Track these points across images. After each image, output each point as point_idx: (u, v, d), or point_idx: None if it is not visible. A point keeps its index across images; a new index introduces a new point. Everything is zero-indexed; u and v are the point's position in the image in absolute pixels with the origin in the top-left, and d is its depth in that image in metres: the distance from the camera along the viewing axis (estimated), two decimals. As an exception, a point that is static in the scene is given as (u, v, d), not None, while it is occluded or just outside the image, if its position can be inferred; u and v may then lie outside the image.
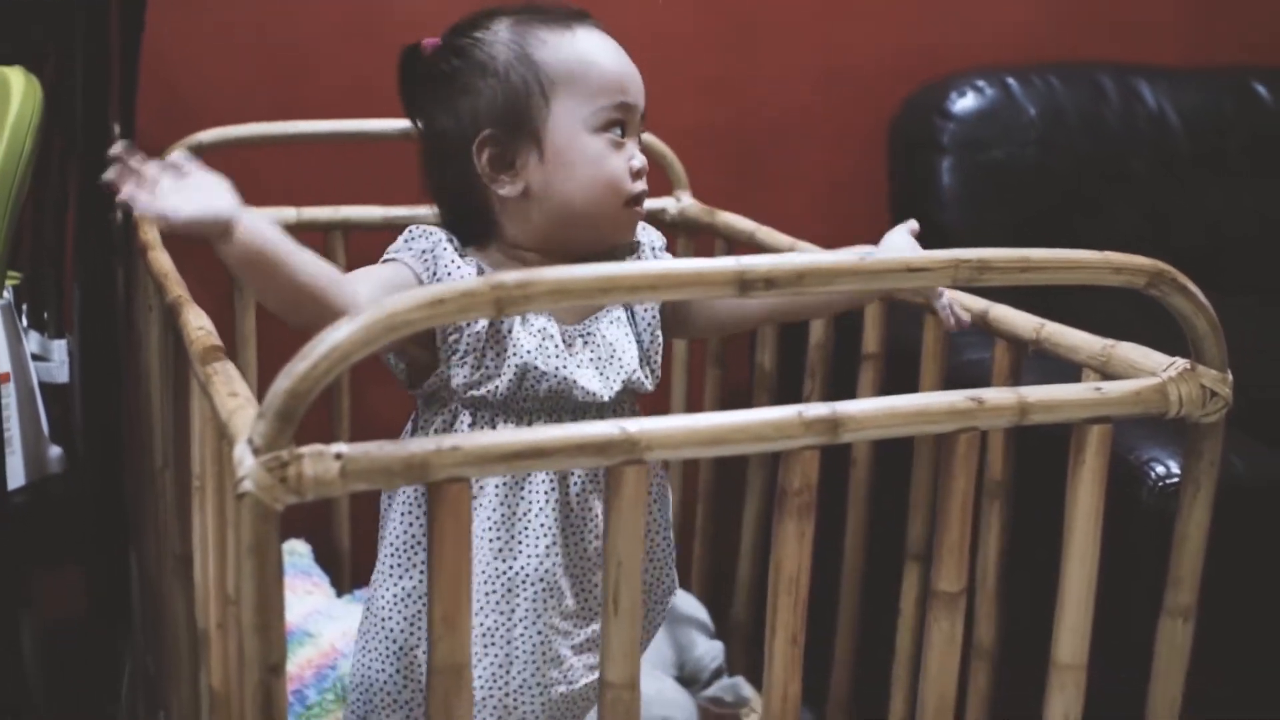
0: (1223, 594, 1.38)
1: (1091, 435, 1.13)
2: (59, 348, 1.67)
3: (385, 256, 1.34)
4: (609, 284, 0.93)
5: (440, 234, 1.33)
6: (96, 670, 1.59)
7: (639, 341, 1.37)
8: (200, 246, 1.86)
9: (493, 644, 1.31)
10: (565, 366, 1.29)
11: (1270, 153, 2.40)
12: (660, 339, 1.39)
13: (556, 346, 1.30)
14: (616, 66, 1.34)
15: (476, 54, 1.34)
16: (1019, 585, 1.40)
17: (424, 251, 1.31)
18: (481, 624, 1.31)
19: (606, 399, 1.32)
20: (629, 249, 1.41)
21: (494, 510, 1.30)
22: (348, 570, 2.02)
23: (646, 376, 1.36)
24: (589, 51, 1.33)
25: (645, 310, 1.38)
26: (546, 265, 1.31)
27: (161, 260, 1.54)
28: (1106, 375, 1.23)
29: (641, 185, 1.34)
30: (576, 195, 1.32)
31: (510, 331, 1.29)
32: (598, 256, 1.33)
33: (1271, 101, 2.43)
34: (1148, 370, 1.18)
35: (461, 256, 1.32)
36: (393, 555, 1.34)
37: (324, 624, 1.74)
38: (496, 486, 1.30)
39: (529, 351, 1.28)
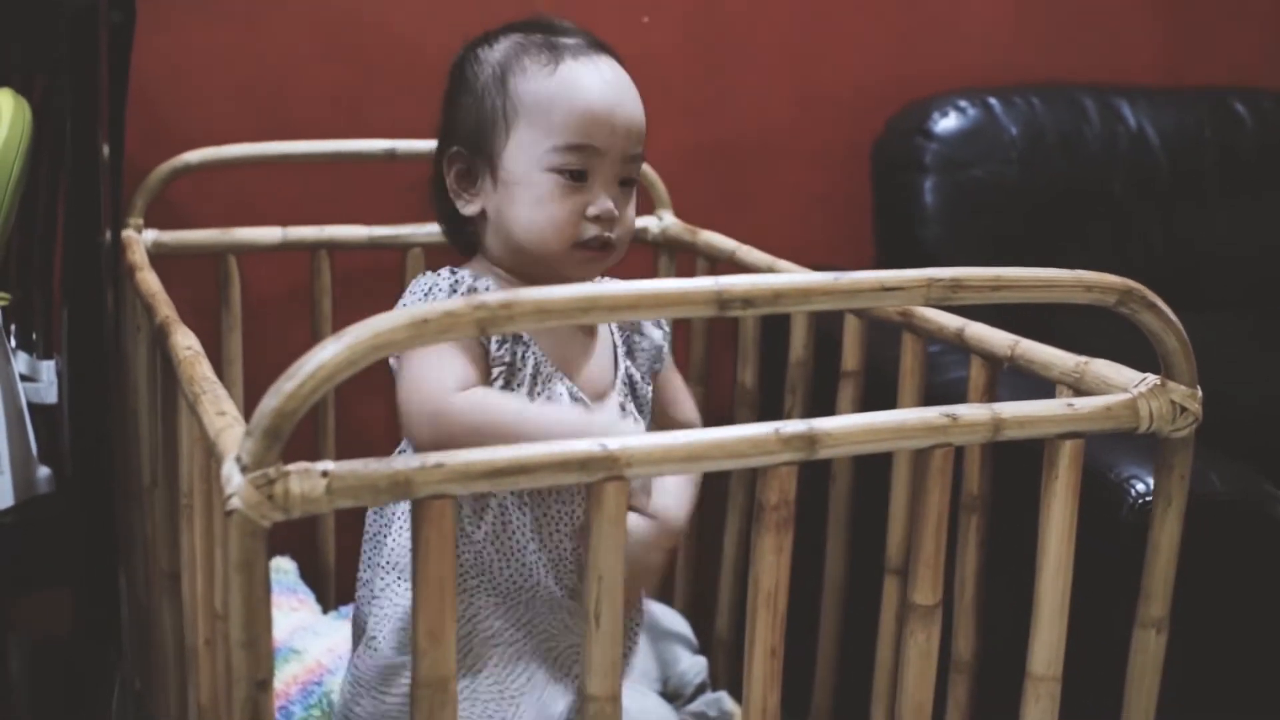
0: (1200, 606, 1.40)
1: (1064, 450, 1.15)
2: (47, 368, 1.68)
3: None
4: (590, 304, 0.95)
5: (442, 281, 1.34)
6: (86, 689, 1.60)
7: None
8: (184, 268, 1.87)
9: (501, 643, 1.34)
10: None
11: (1249, 172, 2.42)
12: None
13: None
14: (588, 109, 1.32)
15: (467, 70, 1.38)
16: (998, 599, 1.42)
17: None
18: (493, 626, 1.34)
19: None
20: None
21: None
22: (333, 587, 2.02)
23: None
24: (562, 89, 1.32)
25: (645, 388, 1.44)
26: (522, 284, 1.35)
27: (150, 281, 1.56)
28: (1080, 391, 1.25)
29: (595, 230, 1.33)
30: (520, 229, 1.34)
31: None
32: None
33: (1251, 121, 2.45)
34: (1120, 386, 1.19)
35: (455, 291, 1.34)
36: (396, 569, 1.35)
37: (310, 640, 1.75)
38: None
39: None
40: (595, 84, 1.33)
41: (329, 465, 0.90)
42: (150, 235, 1.85)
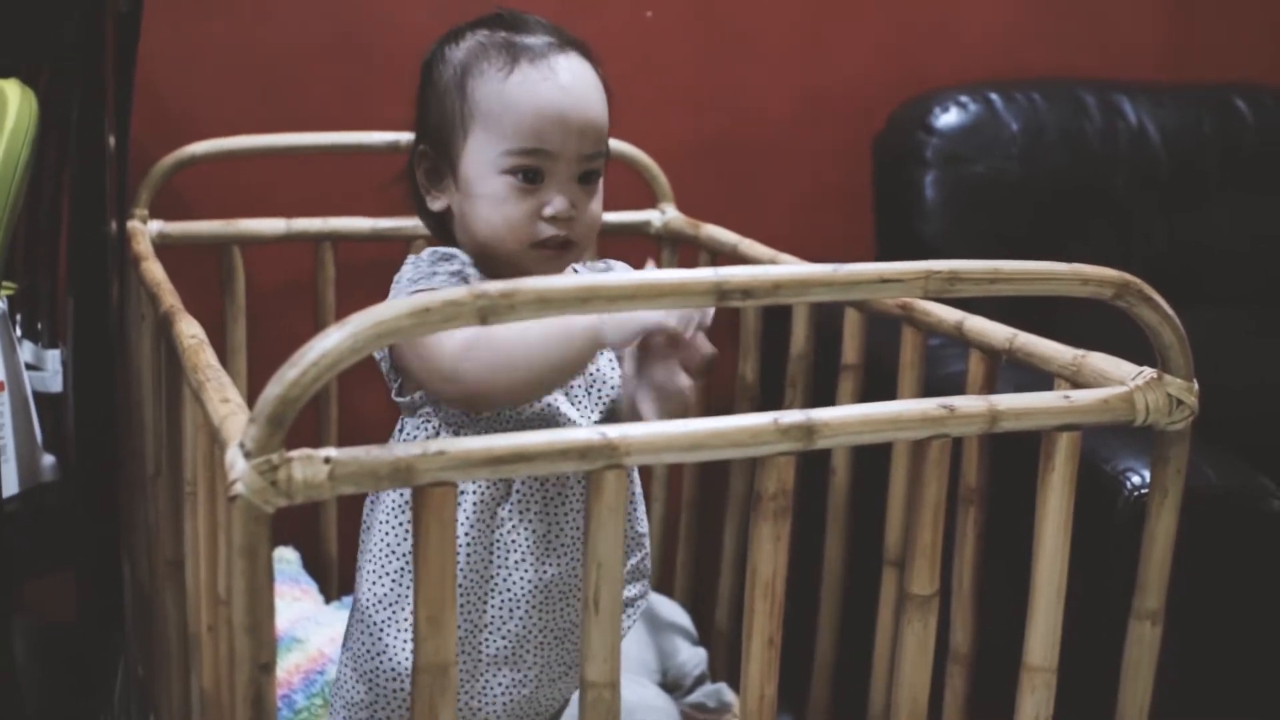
0: (1196, 600, 1.40)
1: (1061, 442, 1.16)
2: (53, 357, 1.69)
3: (417, 289, 1.31)
4: (590, 294, 0.96)
5: (459, 254, 1.35)
6: (90, 674, 1.61)
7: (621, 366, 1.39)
8: (189, 259, 1.88)
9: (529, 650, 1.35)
10: (552, 398, 1.32)
11: (1249, 168, 2.43)
12: None
13: None
14: (538, 114, 1.31)
15: (434, 69, 1.40)
16: (995, 590, 1.43)
17: (453, 274, 1.33)
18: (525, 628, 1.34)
19: (584, 424, 1.33)
20: None
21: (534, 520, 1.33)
22: (335, 577, 2.04)
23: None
24: (515, 94, 1.32)
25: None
26: (490, 277, 1.33)
27: (154, 271, 1.56)
28: (1077, 384, 1.26)
29: (552, 231, 1.33)
30: (479, 229, 1.35)
31: None
32: None
33: (1252, 118, 2.45)
34: (1117, 380, 1.20)
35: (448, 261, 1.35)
36: (371, 560, 1.36)
37: (312, 629, 1.76)
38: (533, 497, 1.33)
39: None
40: (547, 89, 1.32)
41: (331, 452, 0.91)
42: (155, 226, 1.86)
